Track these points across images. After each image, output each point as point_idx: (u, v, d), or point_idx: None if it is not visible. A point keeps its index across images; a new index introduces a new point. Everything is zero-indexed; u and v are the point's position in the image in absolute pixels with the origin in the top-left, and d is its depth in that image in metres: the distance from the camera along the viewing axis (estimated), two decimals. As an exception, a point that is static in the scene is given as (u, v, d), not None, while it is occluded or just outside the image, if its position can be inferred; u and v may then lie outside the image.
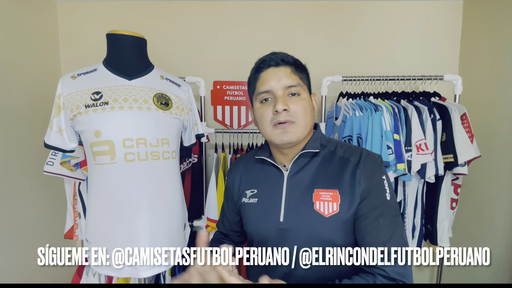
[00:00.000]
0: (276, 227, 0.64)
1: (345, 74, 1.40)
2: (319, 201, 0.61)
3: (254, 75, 0.68)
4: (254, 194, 0.70)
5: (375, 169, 0.62)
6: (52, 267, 0.64)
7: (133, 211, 0.87)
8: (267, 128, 0.64)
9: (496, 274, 1.33)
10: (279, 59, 0.65)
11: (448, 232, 1.30)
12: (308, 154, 0.67)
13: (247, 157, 0.79)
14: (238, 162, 0.79)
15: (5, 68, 1.33)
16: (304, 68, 0.69)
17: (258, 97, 0.66)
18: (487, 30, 1.44)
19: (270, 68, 0.65)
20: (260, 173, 0.71)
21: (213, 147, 1.70)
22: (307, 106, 0.64)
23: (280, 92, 0.63)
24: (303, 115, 0.63)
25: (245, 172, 0.75)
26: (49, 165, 1.15)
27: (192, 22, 1.68)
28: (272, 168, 0.70)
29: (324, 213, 0.61)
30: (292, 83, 0.63)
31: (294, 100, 0.63)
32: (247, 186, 0.72)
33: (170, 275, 1.47)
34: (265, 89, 0.64)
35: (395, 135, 1.20)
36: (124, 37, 0.91)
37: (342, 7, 1.64)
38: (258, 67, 0.67)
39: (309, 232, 0.61)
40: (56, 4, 1.67)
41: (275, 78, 0.63)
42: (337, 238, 0.61)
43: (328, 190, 0.62)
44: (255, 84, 0.68)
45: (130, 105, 0.86)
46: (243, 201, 0.71)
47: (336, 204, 0.60)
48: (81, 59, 1.67)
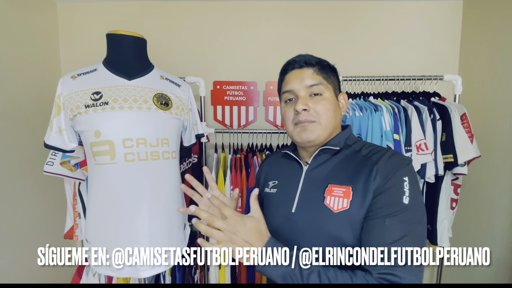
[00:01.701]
0: (287, 217, 0.66)
1: (345, 74, 1.40)
2: (330, 196, 0.61)
3: (280, 77, 0.73)
4: (275, 185, 0.73)
5: (397, 168, 0.58)
6: (52, 267, 0.65)
7: (133, 211, 0.87)
8: (289, 127, 0.68)
9: (496, 274, 1.33)
10: (302, 62, 0.68)
11: (448, 232, 1.30)
12: (329, 151, 0.67)
13: (276, 153, 0.85)
14: (268, 157, 0.86)
15: (5, 68, 1.33)
16: (330, 68, 0.71)
17: (283, 97, 0.70)
18: (487, 30, 1.44)
19: (294, 70, 0.68)
20: (284, 167, 0.75)
21: (213, 147, 1.70)
22: (329, 106, 0.65)
23: (302, 93, 0.65)
24: (325, 114, 0.64)
25: (272, 166, 0.80)
26: (49, 165, 1.15)
27: (192, 22, 1.68)
28: (294, 162, 0.73)
29: (333, 208, 0.60)
30: (314, 82, 0.65)
31: (316, 100, 0.65)
32: (271, 178, 0.76)
33: (170, 275, 1.47)
34: (287, 89, 0.68)
35: (395, 135, 1.20)
36: (124, 37, 0.91)
37: (342, 7, 1.64)
38: (284, 70, 0.71)
39: (316, 226, 0.62)
40: (56, 4, 1.67)
41: (298, 79, 0.66)
42: (346, 236, 0.59)
43: (341, 186, 0.61)
44: (280, 85, 0.72)
45: (130, 105, 0.86)
46: (266, 191, 0.75)
47: (347, 200, 0.59)
48: (81, 59, 1.67)
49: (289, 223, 0.65)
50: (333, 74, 0.71)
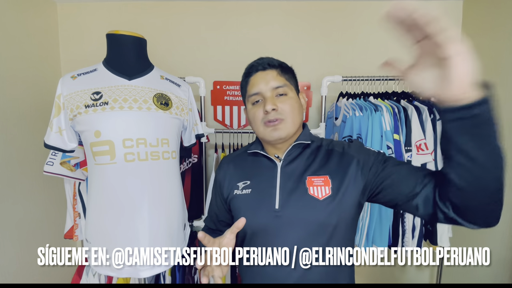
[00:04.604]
0: (272, 215, 0.66)
1: (345, 74, 1.40)
2: (313, 186, 0.65)
3: (244, 79, 0.74)
4: (247, 186, 0.72)
5: (359, 147, 0.69)
6: (52, 267, 0.65)
7: (133, 211, 0.87)
8: (259, 127, 0.70)
9: (496, 274, 1.33)
10: (265, 64, 0.71)
11: (448, 232, 1.30)
12: (300, 145, 0.72)
13: (236, 153, 0.83)
14: (228, 159, 0.82)
15: (5, 68, 1.33)
16: (290, 69, 0.74)
17: (250, 99, 0.71)
18: (487, 30, 1.44)
19: (258, 72, 0.71)
20: (252, 166, 0.74)
21: (213, 147, 1.70)
22: (294, 104, 0.69)
23: (269, 94, 0.68)
24: (291, 113, 0.68)
25: (236, 167, 0.77)
26: (49, 165, 1.15)
27: (192, 22, 1.68)
28: (265, 160, 0.73)
29: (318, 196, 0.64)
30: (279, 84, 0.68)
31: (282, 99, 0.68)
32: (238, 179, 0.74)
33: (170, 275, 1.47)
34: (255, 92, 0.70)
35: (395, 135, 1.20)
36: (124, 37, 0.91)
37: (342, 7, 1.64)
38: (248, 72, 0.73)
39: (305, 216, 0.64)
40: (56, 4, 1.67)
41: (263, 81, 0.69)
42: (334, 220, 0.63)
43: (319, 176, 0.66)
44: (246, 88, 0.73)
45: (130, 105, 0.86)
46: (235, 193, 0.72)
47: (328, 187, 0.64)
48: (81, 59, 1.67)
49: (276, 220, 0.65)
50: (293, 75, 0.74)
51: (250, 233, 0.68)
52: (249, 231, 0.68)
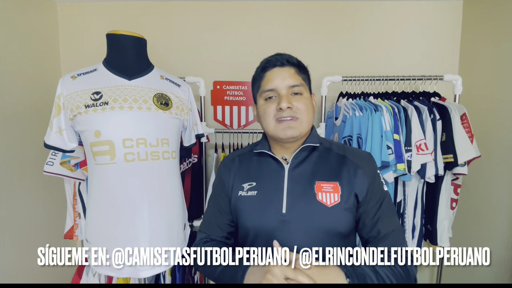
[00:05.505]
0: (278, 219, 0.64)
1: (345, 74, 1.40)
2: (321, 192, 0.64)
3: (259, 73, 0.71)
4: (252, 187, 0.69)
5: (374, 170, 0.69)
6: (52, 267, 0.65)
7: (133, 211, 0.87)
8: (270, 123, 0.67)
9: (496, 274, 1.33)
10: (284, 60, 0.68)
11: (448, 232, 1.30)
12: (308, 148, 0.70)
13: (240, 152, 0.79)
14: (232, 157, 0.78)
15: (5, 68, 1.33)
16: (306, 70, 0.72)
17: (263, 95, 0.69)
18: (487, 30, 1.44)
19: (276, 68, 0.68)
20: (258, 167, 0.72)
21: (213, 147, 1.70)
22: (308, 105, 0.68)
23: (284, 91, 0.66)
24: (306, 113, 0.67)
25: (241, 166, 0.74)
26: (49, 165, 1.15)
27: (192, 22, 1.68)
28: (271, 161, 0.71)
29: (326, 203, 0.63)
30: (296, 83, 0.67)
31: (297, 98, 0.67)
32: (244, 180, 0.71)
33: (170, 275, 1.47)
34: (270, 88, 0.67)
35: (395, 135, 1.20)
36: (124, 37, 0.91)
37: (342, 7, 1.64)
38: (264, 67, 0.70)
39: (312, 222, 0.63)
40: (56, 4, 1.67)
41: (280, 78, 0.67)
42: (341, 226, 0.64)
43: (328, 182, 0.66)
44: (260, 83, 0.70)
45: (130, 105, 0.86)
46: (240, 194, 0.70)
47: (337, 194, 0.64)
48: (81, 59, 1.67)
49: (282, 224, 0.64)
50: (308, 76, 0.73)
51: (254, 235, 0.67)
52: (253, 233, 0.67)
